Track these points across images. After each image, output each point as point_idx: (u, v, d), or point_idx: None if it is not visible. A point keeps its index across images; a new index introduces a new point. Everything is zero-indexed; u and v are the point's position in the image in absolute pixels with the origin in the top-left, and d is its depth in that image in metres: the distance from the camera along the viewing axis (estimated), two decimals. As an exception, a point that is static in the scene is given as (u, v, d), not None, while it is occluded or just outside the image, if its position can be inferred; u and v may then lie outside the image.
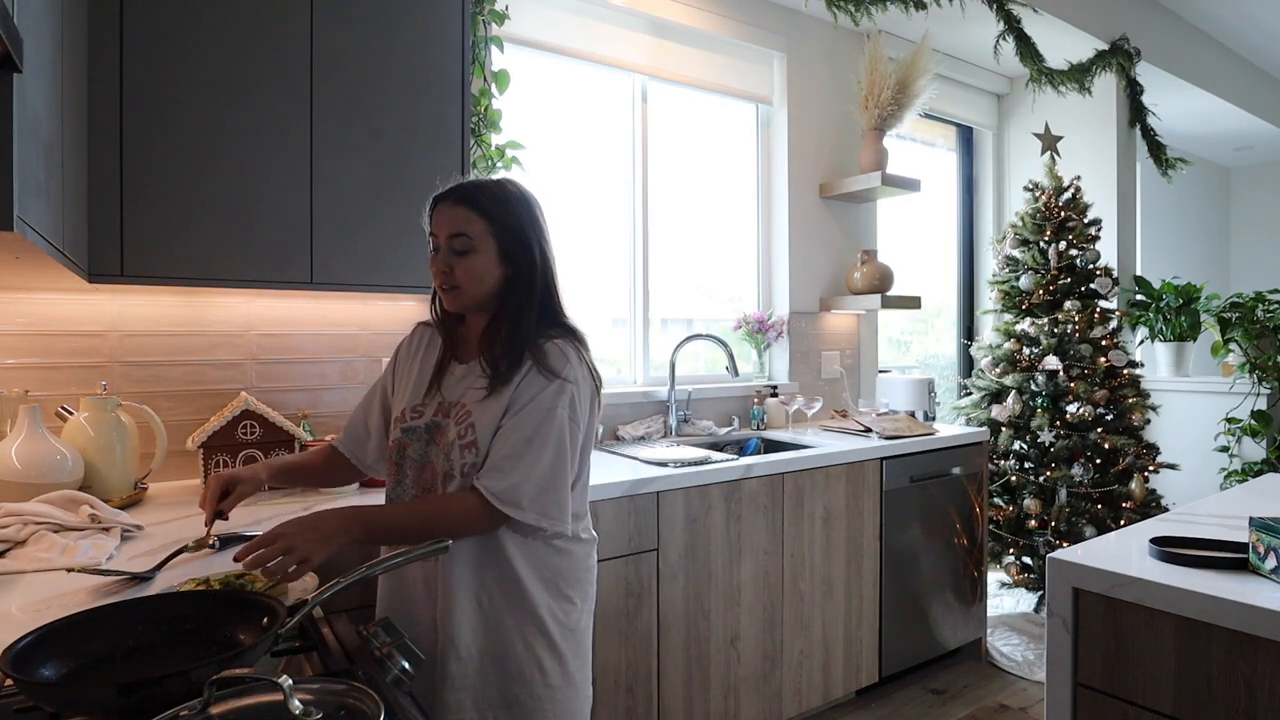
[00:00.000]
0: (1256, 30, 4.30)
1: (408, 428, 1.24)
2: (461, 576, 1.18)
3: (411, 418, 1.25)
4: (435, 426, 1.22)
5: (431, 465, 1.21)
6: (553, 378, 1.17)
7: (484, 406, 1.18)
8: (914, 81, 3.08)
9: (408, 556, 1.00)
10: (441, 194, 1.23)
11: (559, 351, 1.20)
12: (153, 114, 1.54)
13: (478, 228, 1.20)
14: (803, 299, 3.20)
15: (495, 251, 1.21)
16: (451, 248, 1.20)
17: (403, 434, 1.25)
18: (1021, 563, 3.27)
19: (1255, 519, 1.17)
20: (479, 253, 1.20)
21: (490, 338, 1.22)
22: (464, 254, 1.19)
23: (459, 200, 1.21)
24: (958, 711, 2.54)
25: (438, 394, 1.25)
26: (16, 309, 1.71)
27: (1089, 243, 3.35)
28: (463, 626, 1.17)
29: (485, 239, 1.20)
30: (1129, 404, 3.22)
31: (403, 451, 1.24)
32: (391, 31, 1.82)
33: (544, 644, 1.21)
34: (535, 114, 2.59)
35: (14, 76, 0.84)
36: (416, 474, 1.23)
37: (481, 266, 1.20)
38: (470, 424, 1.18)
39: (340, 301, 2.08)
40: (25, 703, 0.69)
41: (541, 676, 1.21)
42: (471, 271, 1.20)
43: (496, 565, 1.19)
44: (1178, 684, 1.13)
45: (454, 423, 1.19)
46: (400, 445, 1.25)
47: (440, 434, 1.21)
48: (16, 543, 1.26)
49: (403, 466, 1.24)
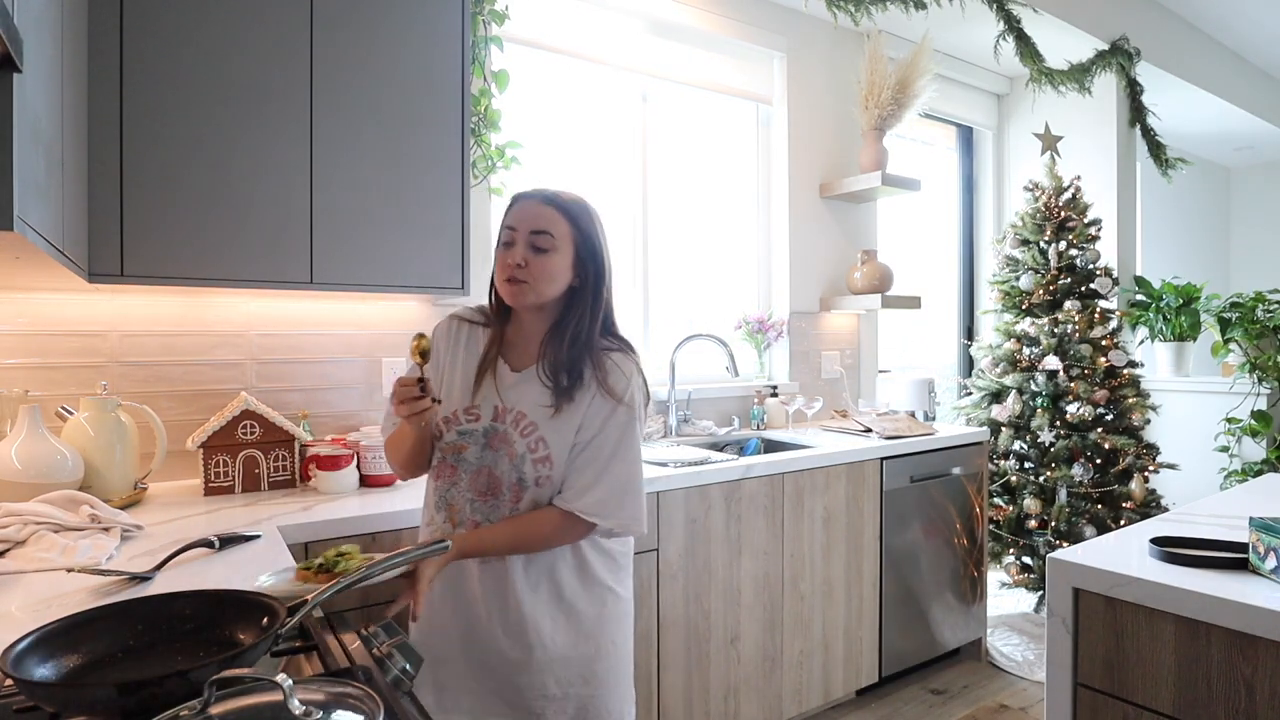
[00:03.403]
0: (1257, 30, 4.30)
1: (464, 430, 1.26)
2: (540, 577, 1.25)
3: (467, 420, 1.26)
4: (493, 432, 1.24)
5: (489, 470, 1.24)
6: (618, 402, 1.24)
7: (554, 425, 1.23)
8: (914, 81, 3.08)
9: (407, 557, 1.01)
10: (526, 192, 1.26)
11: (619, 372, 1.25)
12: (153, 114, 1.54)
13: (561, 229, 1.23)
14: (803, 299, 3.20)
15: (571, 257, 1.24)
16: (532, 243, 1.22)
17: (459, 436, 1.26)
18: (1021, 563, 3.27)
19: (1255, 519, 1.17)
20: (557, 253, 1.22)
21: (553, 347, 1.25)
22: (543, 251, 1.22)
23: (546, 201, 1.24)
24: (958, 711, 2.54)
25: (492, 397, 1.26)
26: (16, 309, 1.71)
27: (1089, 243, 3.35)
28: (544, 618, 1.25)
29: (565, 242, 1.23)
30: (1129, 404, 3.22)
31: (459, 454, 1.26)
32: (391, 31, 1.82)
33: (609, 598, 1.31)
34: (535, 114, 2.59)
35: (14, 76, 0.84)
36: (473, 478, 1.25)
37: (556, 267, 1.23)
38: (540, 438, 1.22)
39: (340, 301, 2.08)
40: (25, 703, 0.69)
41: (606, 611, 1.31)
42: (546, 269, 1.22)
43: (571, 558, 1.28)
44: (1177, 684, 1.13)
45: (520, 434, 1.23)
46: (456, 448, 1.26)
47: (501, 441, 1.24)
48: (16, 543, 1.26)
49: (458, 469, 1.26)
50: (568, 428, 1.23)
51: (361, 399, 2.15)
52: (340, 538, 1.51)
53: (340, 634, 0.92)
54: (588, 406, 1.23)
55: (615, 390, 1.24)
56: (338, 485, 1.77)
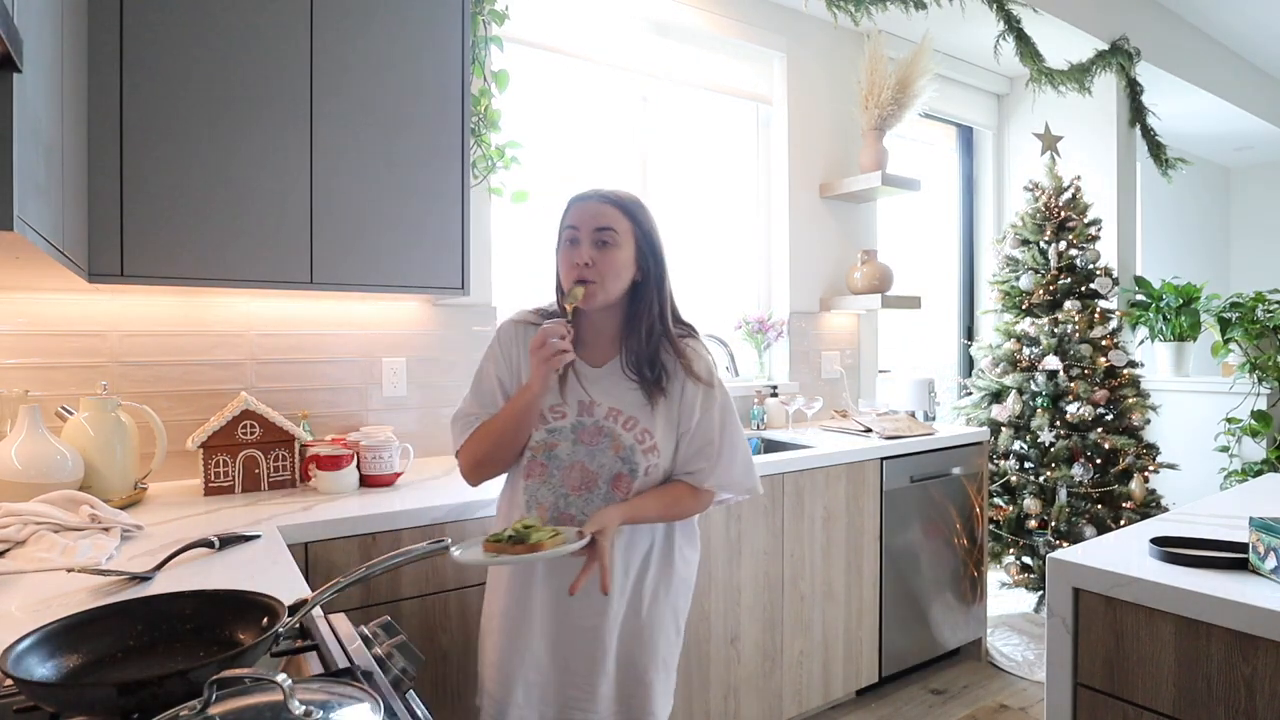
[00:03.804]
0: (1257, 30, 4.30)
1: (553, 428, 1.31)
2: (660, 582, 1.38)
3: (554, 418, 1.31)
4: (581, 427, 1.31)
5: (582, 465, 1.30)
6: (707, 385, 1.34)
7: (655, 416, 1.31)
8: (914, 81, 3.08)
9: (407, 558, 1.01)
10: (583, 194, 1.31)
11: (699, 357, 1.36)
12: (153, 114, 1.54)
13: (623, 226, 1.28)
14: (803, 299, 3.20)
15: (633, 251, 1.29)
16: (596, 240, 1.26)
17: (548, 435, 1.31)
18: (1021, 563, 3.27)
19: (1255, 519, 1.17)
20: (620, 249, 1.27)
21: (631, 342, 1.32)
22: (607, 246, 1.26)
23: (604, 200, 1.29)
24: (958, 711, 2.54)
25: (577, 393, 1.32)
26: (16, 309, 1.71)
27: (1089, 242, 3.35)
28: (663, 623, 1.38)
29: (627, 238, 1.28)
30: (1129, 404, 3.22)
31: (550, 451, 1.31)
32: (391, 31, 1.82)
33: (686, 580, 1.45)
34: (535, 114, 2.59)
35: (14, 76, 0.84)
36: (565, 473, 1.31)
37: (620, 262, 1.27)
38: (644, 430, 1.31)
39: (340, 301, 2.08)
40: (25, 703, 0.69)
41: None
42: (613, 264, 1.27)
43: (670, 549, 1.40)
44: (1177, 684, 1.13)
45: (623, 428, 1.30)
46: (547, 446, 1.31)
47: (595, 435, 1.30)
48: (16, 543, 1.26)
49: (549, 466, 1.31)
50: (668, 418, 1.32)
51: (361, 399, 2.15)
52: (340, 538, 1.51)
53: (340, 634, 0.92)
54: (681, 395, 1.33)
55: (702, 375, 1.34)
56: (338, 485, 1.77)
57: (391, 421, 2.17)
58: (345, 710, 0.60)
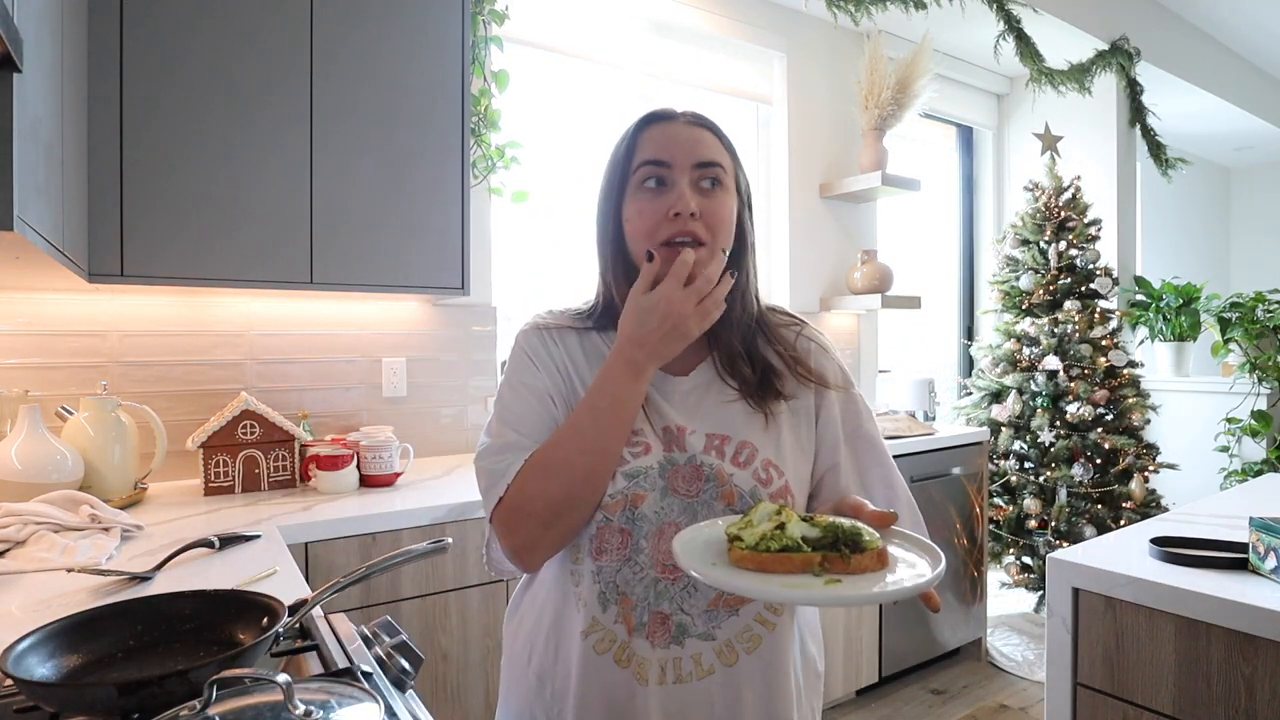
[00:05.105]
0: (1257, 30, 4.30)
1: (632, 472, 0.84)
2: (787, 649, 1.01)
3: (632, 455, 0.84)
4: (672, 466, 0.85)
5: (677, 527, 0.83)
6: (846, 390, 0.95)
7: (777, 440, 0.88)
8: (914, 81, 3.08)
9: (407, 558, 1.00)
10: (663, 111, 0.88)
11: (823, 351, 0.97)
12: (153, 114, 1.55)
13: (727, 164, 0.87)
14: (803, 299, 3.20)
15: (736, 203, 0.88)
16: (701, 180, 0.84)
17: (629, 482, 0.84)
18: (1021, 563, 3.27)
19: (1255, 519, 1.17)
20: (731, 194, 0.86)
21: (724, 333, 0.90)
22: (719, 189, 0.85)
23: (697, 122, 0.87)
24: (958, 711, 2.54)
25: (659, 417, 0.87)
26: (16, 309, 1.71)
27: (1089, 242, 3.35)
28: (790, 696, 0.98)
29: (731, 182, 0.87)
30: (1129, 404, 3.22)
31: (633, 510, 0.84)
32: (391, 31, 1.82)
33: None
34: (535, 114, 2.59)
35: (14, 76, 0.84)
36: (655, 544, 0.84)
37: (731, 213, 0.86)
38: (768, 462, 0.86)
39: (340, 301, 2.08)
40: (25, 703, 0.69)
41: None
42: (725, 217, 0.85)
43: None
44: (1177, 684, 1.13)
45: (734, 463, 0.85)
46: (629, 501, 0.83)
47: (692, 478, 0.85)
48: (16, 543, 1.26)
49: (633, 535, 0.84)
50: (792, 438, 0.89)
51: (361, 399, 2.15)
52: (340, 538, 1.51)
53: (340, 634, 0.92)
54: (808, 403, 0.92)
55: (835, 379, 0.94)
56: (338, 485, 1.77)
57: (391, 421, 2.17)
58: (345, 710, 0.60)
